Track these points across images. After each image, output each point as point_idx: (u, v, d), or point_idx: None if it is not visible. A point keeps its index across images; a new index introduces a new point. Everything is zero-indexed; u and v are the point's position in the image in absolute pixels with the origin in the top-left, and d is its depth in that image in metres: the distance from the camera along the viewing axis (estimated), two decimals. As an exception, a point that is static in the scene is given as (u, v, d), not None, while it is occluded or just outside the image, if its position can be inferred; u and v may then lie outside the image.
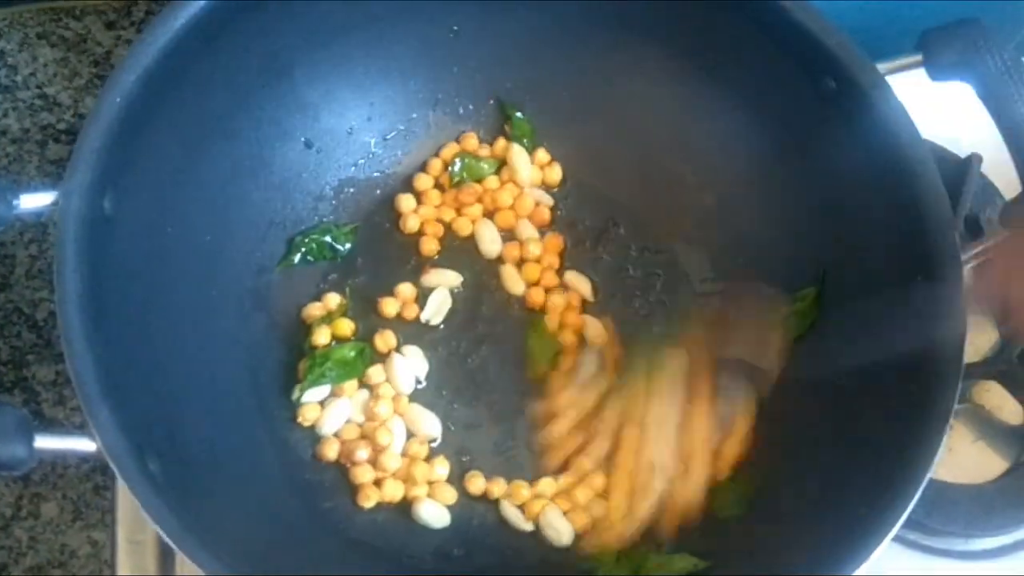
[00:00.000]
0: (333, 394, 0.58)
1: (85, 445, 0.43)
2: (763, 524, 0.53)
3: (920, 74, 0.56)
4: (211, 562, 0.42)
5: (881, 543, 0.46)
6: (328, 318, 0.59)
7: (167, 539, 0.42)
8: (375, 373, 0.59)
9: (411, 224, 0.63)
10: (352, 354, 0.58)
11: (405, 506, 0.57)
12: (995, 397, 0.64)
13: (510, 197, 0.64)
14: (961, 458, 0.62)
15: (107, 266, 0.49)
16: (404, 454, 0.58)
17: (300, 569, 0.50)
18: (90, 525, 0.68)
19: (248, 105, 0.58)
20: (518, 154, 0.64)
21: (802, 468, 0.54)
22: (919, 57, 0.56)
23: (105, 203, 0.49)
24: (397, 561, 0.55)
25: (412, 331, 0.61)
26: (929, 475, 0.47)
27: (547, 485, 0.57)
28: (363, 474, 0.56)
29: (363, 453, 0.57)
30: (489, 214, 0.64)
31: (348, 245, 0.63)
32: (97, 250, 0.48)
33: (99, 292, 0.47)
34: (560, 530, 0.56)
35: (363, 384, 0.59)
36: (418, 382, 0.60)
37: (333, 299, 0.61)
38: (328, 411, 0.58)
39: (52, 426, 0.69)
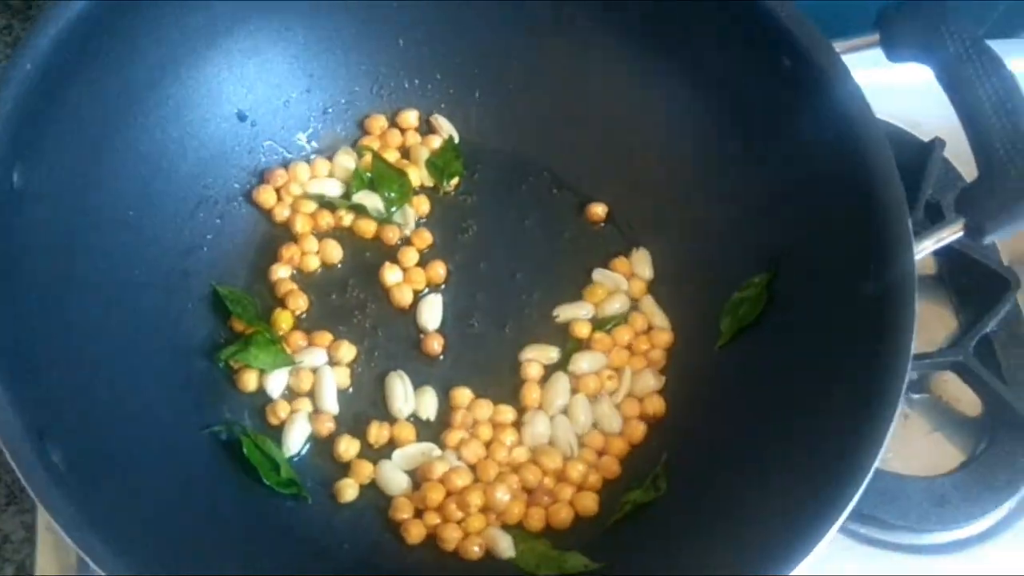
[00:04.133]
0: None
1: (-21, 432, 0.41)
2: (682, 515, 0.52)
3: (880, 54, 0.55)
4: (112, 560, 0.40)
5: (820, 540, 0.44)
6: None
7: (63, 534, 0.39)
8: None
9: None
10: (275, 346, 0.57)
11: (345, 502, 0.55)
12: (953, 388, 0.63)
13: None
14: (916, 450, 0.61)
15: (16, 241, 0.46)
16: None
17: (223, 568, 0.48)
18: (24, 510, 0.65)
19: (176, 74, 0.56)
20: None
21: (740, 456, 0.52)
22: (877, 36, 0.54)
23: (14, 176, 0.46)
24: (334, 559, 0.53)
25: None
26: (873, 468, 0.45)
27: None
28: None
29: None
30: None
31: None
32: (3, 224, 0.45)
33: (5, 268, 0.45)
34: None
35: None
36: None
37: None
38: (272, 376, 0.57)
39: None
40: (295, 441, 0.55)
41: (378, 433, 0.56)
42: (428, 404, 0.57)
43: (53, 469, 0.41)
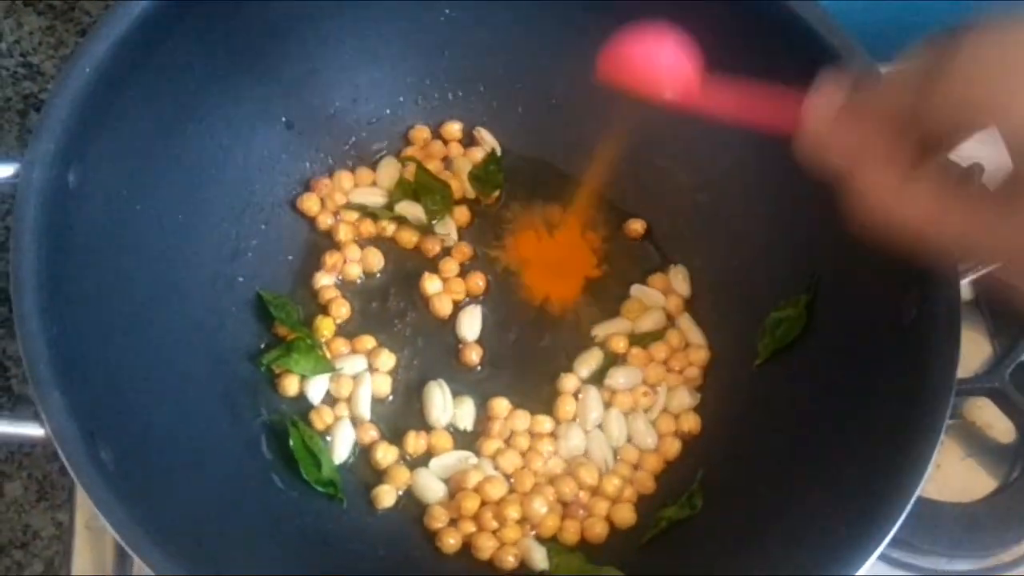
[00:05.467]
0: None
1: (33, 431, 0.41)
2: (718, 534, 0.52)
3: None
4: (160, 559, 0.40)
5: (858, 568, 0.44)
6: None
7: (113, 532, 0.40)
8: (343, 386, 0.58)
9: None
10: (316, 352, 0.57)
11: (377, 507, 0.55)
12: (987, 414, 0.63)
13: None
14: (949, 475, 0.61)
15: (69, 241, 0.47)
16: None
17: (261, 569, 0.48)
18: (55, 506, 0.66)
19: (227, 81, 0.56)
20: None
21: (777, 476, 0.52)
22: (923, 61, 0.54)
23: (70, 176, 0.47)
24: (369, 565, 0.53)
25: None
26: (916, 495, 0.45)
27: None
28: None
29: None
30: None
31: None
32: (59, 224, 0.46)
33: (59, 269, 0.45)
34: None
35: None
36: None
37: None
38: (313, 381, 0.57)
39: (19, 404, 0.68)
40: (344, 447, 0.56)
41: (415, 443, 0.56)
42: (466, 414, 0.58)
43: (104, 469, 0.42)
